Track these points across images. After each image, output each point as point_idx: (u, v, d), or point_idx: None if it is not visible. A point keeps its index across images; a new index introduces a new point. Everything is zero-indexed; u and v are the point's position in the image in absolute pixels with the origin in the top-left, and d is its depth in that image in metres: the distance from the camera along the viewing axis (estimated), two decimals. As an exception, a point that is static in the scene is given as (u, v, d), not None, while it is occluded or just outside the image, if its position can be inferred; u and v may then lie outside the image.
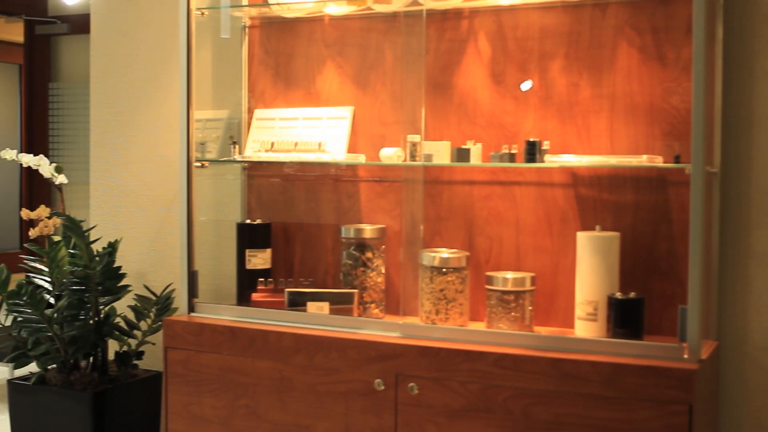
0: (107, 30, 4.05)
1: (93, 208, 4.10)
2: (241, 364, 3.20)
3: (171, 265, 3.86)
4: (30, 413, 3.68)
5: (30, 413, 3.68)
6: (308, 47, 3.59)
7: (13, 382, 3.74)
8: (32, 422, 3.67)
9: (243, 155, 3.55)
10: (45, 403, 3.64)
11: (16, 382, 3.72)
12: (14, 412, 3.73)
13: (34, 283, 3.65)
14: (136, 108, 3.98)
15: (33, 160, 4.42)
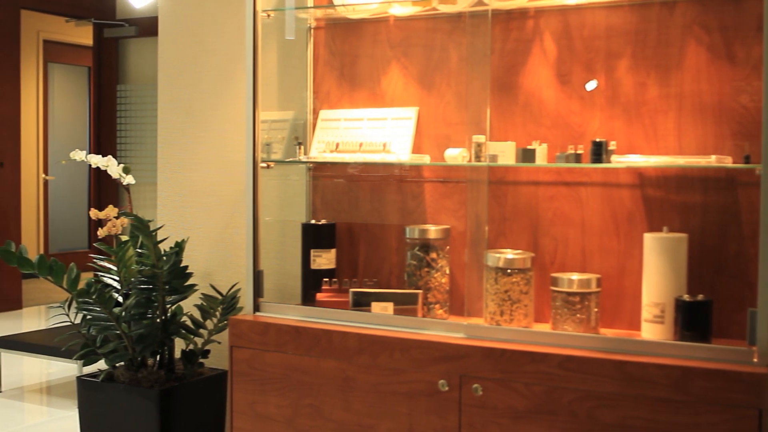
0: (175, 32, 4.10)
1: (160, 208, 4.15)
2: (306, 364, 3.22)
3: (236, 264, 3.89)
4: (98, 410, 3.73)
5: (98, 410, 3.73)
6: (373, 48, 3.60)
7: (82, 379, 3.80)
8: (100, 418, 3.73)
9: (308, 156, 3.57)
10: (113, 400, 3.69)
11: (85, 379, 3.78)
12: (83, 409, 3.80)
13: (103, 282, 3.71)
14: (202, 109, 4.02)
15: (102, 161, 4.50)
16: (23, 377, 5.85)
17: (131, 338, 3.61)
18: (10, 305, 8.19)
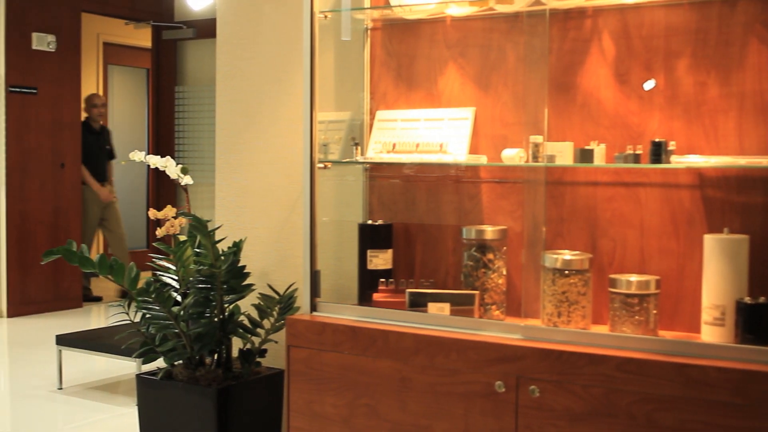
0: (232, 34, 4.14)
1: (218, 209, 4.19)
2: (362, 364, 3.23)
3: (293, 264, 3.91)
4: (157, 407, 3.78)
5: (157, 407, 3.78)
6: (430, 48, 3.60)
7: (141, 376, 3.85)
8: (159, 416, 3.78)
9: (365, 156, 3.58)
10: (171, 397, 3.73)
11: (144, 377, 3.83)
12: (142, 406, 3.84)
13: (162, 281, 3.75)
14: (260, 110, 4.04)
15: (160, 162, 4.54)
16: (84, 374, 5.93)
17: (190, 337, 3.65)
18: (71, 303, 8.31)
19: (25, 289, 7.96)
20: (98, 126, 9.05)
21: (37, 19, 8.01)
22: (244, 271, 3.68)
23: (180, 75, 9.22)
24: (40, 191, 8.09)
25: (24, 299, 7.94)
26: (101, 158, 9.01)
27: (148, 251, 10.42)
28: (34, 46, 8.01)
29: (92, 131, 8.94)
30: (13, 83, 7.85)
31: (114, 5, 8.85)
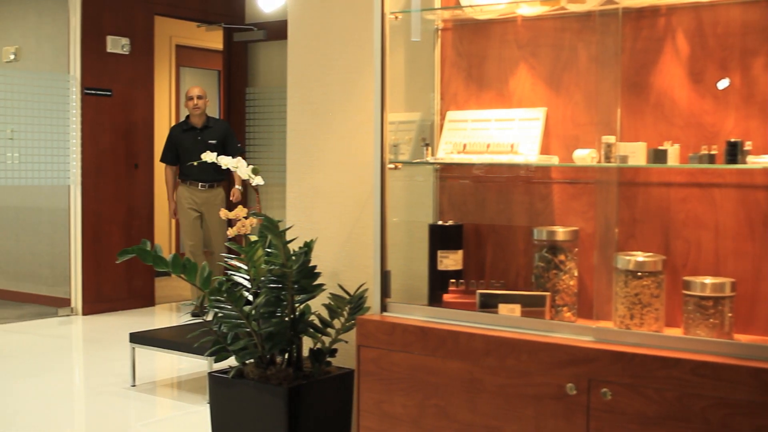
0: (304, 36, 4.16)
1: (289, 209, 4.22)
2: (432, 364, 3.22)
3: (363, 265, 3.92)
4: (229, 405, 3.82)
5: (229, 405, 3.82)
6: (501, 48, 3.58)
7: (213, 375, 3.89)
8: (231, 413, 3.81)
9: (435, 157, 3.58)
10: (242, 396, 3.77)
11: (216, 375, 3.87)
12: (214, 404, 3.89)
13: (234, 281, 3.78)
14: (330, 111, 4.06)
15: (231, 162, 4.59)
16: (155, 372, 6.02)
17: (261, 336, 3.68)
18: (144, 302, 8.43)
19: (99, 287, 8.11)
20: (199, 122, 8.11)
21: (111, 23, 8.15)
22: (315, 271, 3.70)
23: (251, 77, 9.31)
24: (115, 192, 8.23)
25: (98, 297, 8.09)
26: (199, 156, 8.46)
27: (219, 251, 10.54)
28: (108, 49, 8.15)
29: (188, 128, 8.13)
30: (88, 85, 8.00)
31: (186, 8, 8.97)
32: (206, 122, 8.12)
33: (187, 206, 8.08)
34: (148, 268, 8.44)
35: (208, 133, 8.06)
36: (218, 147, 7.87)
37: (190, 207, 8.08)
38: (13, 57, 8.67)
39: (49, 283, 8.49)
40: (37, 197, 8.57)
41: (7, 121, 7.86)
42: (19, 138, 7.92)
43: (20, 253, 8.71)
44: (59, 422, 4.95)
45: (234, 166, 4.67)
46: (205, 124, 8.11)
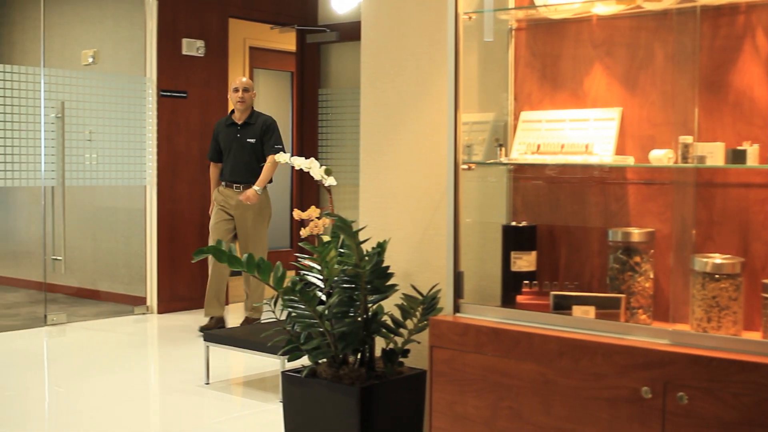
0: (377, 37, 4.17)
1: (362, 209, 4.23)
2: (505, 366, 3.21)
3: (436, 265, 3.92)
4: (301, 404, 3.84)
5: (301, 404, 3.84)
6: (575, 48, 3.55)
7: (286, 374, 3.92)
8: (303, 412, 3.84)
9: (509, 157, 3.56)
10: (315, 395, 3.79)
11: (289, 374, 3.90)
12: (287, 402, 3.92)
13: (307, 281, 3.81)
14: (404, 112, 4.07)
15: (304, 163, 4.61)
16: (229, 370, 6.09)
17: (334, 336, 3.70)
18: (218, 301, 8.52)
19: (174, 286, 8.22)
20: (241, 117, 7.32)
21: (187, 26, 8.27)
22: (388, 272, 3.71)
23: (323, 78, 9.36)
24: (189, 192, 8.34)
25: (173, 296, 8.20)
26: (238, 155, 7.30)
27: (291, 251, 10.63)
28: (184, 52, 8.26)
29: (230, 123, 7.37)
30: (164, 88, 8.12)
31: (260, 10, 9.06)
32: (248, 118, 7.31)
33: (218, 207, 7.32)
34: (222, 268, 8.53)
35: (247, 131, 7.29)
36: (256, 147, 7.28)
37: (222, 208, 7.29)
38: (92, 60, 8.84)
39: (125, 281, 8.64)
40: (114, 197, 8.73)
41: (86, 122, 8.02)
42: (97, 139, 8.07)
43: (98, 253, 8.87)
44: (135, 419, 5.03)
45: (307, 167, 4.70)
46: (247, 121, 7.30)
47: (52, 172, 6.90)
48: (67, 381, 5.61)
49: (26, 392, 5.46)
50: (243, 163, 7.24)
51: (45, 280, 8.05)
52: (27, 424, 4.84)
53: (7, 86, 7.40)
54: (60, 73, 7.85)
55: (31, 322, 7.68)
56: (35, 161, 7.69)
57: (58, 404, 5.35)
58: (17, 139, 7.42)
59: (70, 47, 9.12)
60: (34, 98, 7.56)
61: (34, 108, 7.49)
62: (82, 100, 7.95)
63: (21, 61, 9.18)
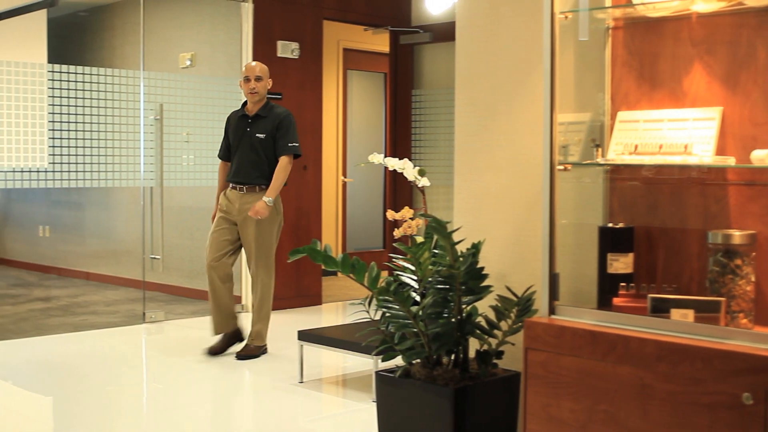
0: (472, 37, 4.16)
1: (456, 210, 4.22)
2: (601, 369, 3.17)
3: (531, 267, 3.89)
4: (395, 404, 3.85)
5: (395, 404, 3.85)
6: (674, 47, 3.49)
7: (380, 374, 3.94)
8: (397, 412, 3.85)
9: (606, 158, 3.52)
10: (409, 395, 3.79)
11: (383, 374, 3.92)
12: (381, 402, 3.93)
13: (401, 281, 3.82)
14: (498, 112, 4.05)
15: (398, 164, 4.63)
16: (322, 369, 6.13)
17: (428, 336, 3.70)
18: (311, 301, 8.60)
19: (269, 286, 8.31)
20: (253, 109, 6.36)
21: (282, 28, 8.36)
22: (483, 273, 3.70)
23: (416, 79, 9.37)
24: (284, 193, 8.39)
25: (268, 296, 8.29)
26: (245, 151, 6.30)
27: (384, 251, 10.66)
28: (279, 54, 8.36)
29: (241, 114, 6.42)
30: (259, 89, 8.21)
31: (354, 12, 9.11)
32: (261, 111, 6.34)
33: (220, 213, 6.36)
34: (316, 268, 8.62)
35: (257, 125, 6.31)
36: (266, 143, 6.27)
37: (224, 215, 6.33)
38: (189, 63, 9.00)
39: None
40: (211, 198, 8.85)
41: (183, 124, 8.17)
42: (194, 141, 8.22)
43: (195, 252, 9.03)
44: (229, 416, 5.11)
45: (401, 167, 4.72)
46: (259, 113, 6.33)
47: (151, 173, 7.06)
48: (165, 377, 5.72)
49: (125, 388, 5.59)
50: (250, 161, 6.26)
51: (144, 279, 8.22)
52: (125, 419, 4.96)
53: (108, 89, 7.59)
54: (159, 76, 8.01)
55: (130, 320, 7.86)
56: (135, 162, 7.87)
57: (156, 400, 5.46)
58: (118, 141, 7.60)
59: (168, 51, 9.31)
60: (134, 101, 7.73)
61: (134, 110, 7.67)
62: (180, 102, 8.10)
63: (121, 65, 9.41)
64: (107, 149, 7.61)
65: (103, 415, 4.96)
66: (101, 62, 9.93)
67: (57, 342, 7.02)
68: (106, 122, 7.62)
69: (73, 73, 7.41)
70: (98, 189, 9.18)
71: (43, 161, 7.62)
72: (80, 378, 5.80)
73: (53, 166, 7.45)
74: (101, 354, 6.66)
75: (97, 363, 6.30)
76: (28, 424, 4.98)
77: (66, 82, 7.40)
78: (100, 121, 7.60)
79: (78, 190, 9.78)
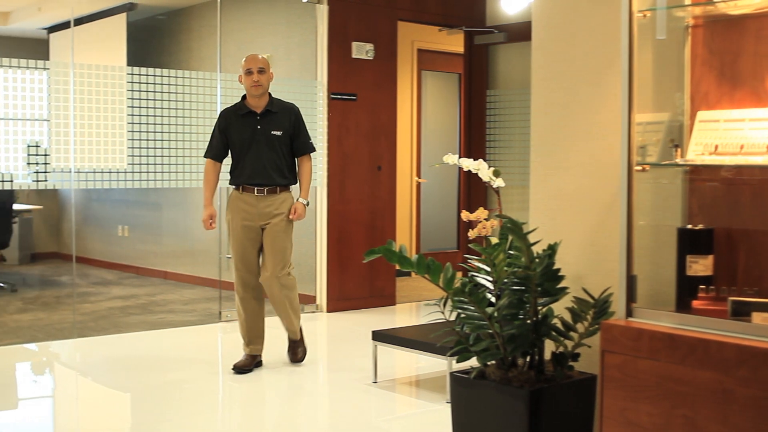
0: (548, 37, 4.13)
1: (532, 211, 4.19)
2: (680, 373, 3.12)
3: (608, 268, 3.84)
4: (469, 405, 3.84)
5: (469, 405, 3.84)
6: (756, 45, 3.42)
7: (455, 375, 3.93)
8: (471, 414, 3.84)
9: (685, 159, 3.46)
10: (484, 396, 3.78)
11: (457, 375, 3.91)
12: (455, 403, 3.92)
13: (475, 282, 3.80)
14: (575, 113, 4.01)
15: (473, 165, 4.61)
16: (396, 369, 6.14)
17: (503, 338, 3.68)
18: (385, 301, 8.62)
19: (342, 286, 8.35)
20: (259, 104, 5.92)
21: (356, 30, 8.39)
22: (559, 274, 3.67)
23: (491, 79, 9.33)
24: (358, 193, 8.46)
25: (341, 295, 8.33)
26: (261, 151, 5.86)
27: (458, 252, 10.64)
28: (353, 55, 8.39)
29: (246, 112, 5.93)
30: (334, 90, 8.26)
31: (428, 13, 9.11)
32: (269, 105, 5.92)
33: (242, 221, 5.89)
34: (391, 268, 8.63)
35: (270, 121, 5.87)
36: (284, 140, 5.88)
37: (246, 222, 5.88)
38: (265, 64, 9.08)
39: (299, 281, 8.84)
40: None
41: (259, 125, 8.24)
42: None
43: (270, 252, 9.11)
44: (304, 414, 5.15)
45: (475, 168, 4.70)
46: (267, 108, 5.91)
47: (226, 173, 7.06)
48: (241, 376, 5.77)
49: (202, 386, 5.65)
50: (269, 160, 5.82)
51: (220, 278, 8.31)
52: (201, 416, 5.02)
53: (185, 91, 7.69)
54: (235, 78, 8.09)
55: (206, 318, 7.96)
56: (209, 162, 7.97)
57: (231, 398, 5.52)
58: (195, 142, 7.69)
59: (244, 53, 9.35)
60: (211, 102, 7.82)
61: (210, 112, 7.75)
62: (256, 104, 8.17)
63: (198, 67, 9.53)
64: (185, 150, 7.71)
65: (180, 412, 5.03)
66: (179, 64, 10.08)
67: (135, 339, 7.14)
68: (183, 123, 7.72)
69: (151, 76, 7.53)
70: (176, 189, 9.29)
71: (123, 162, 7.75)
72: (158, 375, 5.89)
73: (132, 167, 7.57)
74: (178, 352, 6.76)
75: (174, 361, 6.39)
76: (107, 419, 5.07)
77: (145, 84, 7.52)
78: (178, 122, 7.71)
79: (156, 191, 9.92)
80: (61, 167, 7.56)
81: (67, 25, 9.14)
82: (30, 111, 7.81)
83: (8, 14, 11.24)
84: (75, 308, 8.26)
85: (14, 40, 12.10)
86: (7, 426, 4.84)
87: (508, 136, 9.06)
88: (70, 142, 7.40)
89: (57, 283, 10.29)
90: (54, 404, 5.48)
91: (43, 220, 12.47)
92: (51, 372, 6.37)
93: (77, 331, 7.30)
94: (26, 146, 8.13)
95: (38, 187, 7.67)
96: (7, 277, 10.13)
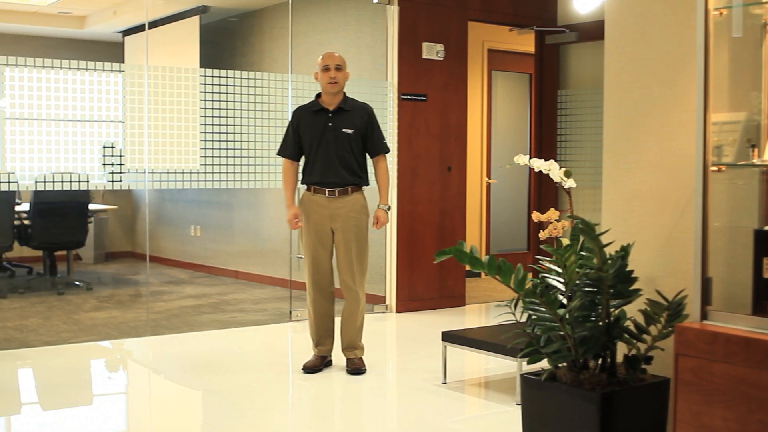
0: (621, 36, 4.09)
1: (605, 212, 4.16)
2: (757, 377, 3.07)
3: (682, 270, 3.79)
4: (540, 407, 3.82)
5: (540, 407, 3.82)
6: (837, 43, 3.35)
7: (525, 376, 3.91)
8: (542, 416, 3.81)
9: (763, 159, 3.40)
10: (554, 399, 3.75)
11: (528, 377, 3.89)
12: (526, 405, 3.90)
13: (547, 283, 3.78)
14: (649, 112, 3.96)
15: (544, 165, 4.58)
16: (465, 370, 6.12)
17: (575, 340, 3.65)
18: (455, 302, 8.60)
19: (412, 286, 8.36)
20: (333, 102, 5.81)
21: (426, 30, 8.39)
22: (632, 276, 3.63)
23: (562, 79, 9.26)
24: (428, 193, 8.45)
25: (411, 296, 8.34)
26: (332, 149, 5.74)
27: (528, 253, 10.58)
28: (424, 56, 8.38)
29: (318, 109, 5.83)
30: (404, 91, 8.27)
31: (499, 13, 9.07)
32: (342, 103, 5.81)
33: (314, 224, 5.79)
34: (461, 269, 8.61)
35: (342, 119, 5.76)
36: (355, 139, 5.76)
37: (318, 224, 5.79)
38: (336, 65, 9.11)
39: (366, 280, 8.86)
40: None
41: (330, 126, 8.28)
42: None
43: (340, 252, 9.15)
44: (373, 415, 5.16)
45: (546, 168, 4.67)
46: (340, 106, 5.79)
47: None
48: (310, 376, 5.81)
49: (271, 385, 5.70)
50: (340, 159, 5.71)
51: (290, 278, 8.37)
52: (271, 414, 5.06)
53: (257, 92, 7.76)
54: (306, 79, 8.14)
55: (277, 318, 8.02)
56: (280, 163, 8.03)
57: (300, 398, 5.56)
58: (266, 143, 7.76)
59: (315, 54, 9.43)
60: (282, 104, 7.88)
61: (282, 113, 7.81)
62: (327, 105, 8.22)
63: (270, 69, 9.62)
64: (256, 151, 7.78)
65: (251, 411, 5.07)
66: (251, 66, 10.18)
67: (206, 338, 7.23)
68: (255, 125, 7.80)
69: (224, 77, 7.62)
70: (247, 190, 9.38)
71: (195, 163, 7.85)
72: (228, 374, 5.95)
73: (204, 167, 7.66)
74: (248, 351, 6.83)
75: (244, 360, 6.45)
76: (179, 416, 5.14)
77: (217, 86, 7.61)
78: (250, 123, 7.78)
79: (228, 191, 10.04)
80: (136, 168, 7.69)
81: (142, 28, 9.26)
82: (105, 113, 7.95)
83: (84, 18, 11.47)
84: (148, 307, 8.39)
85: (90, 43, 12.34)
86: (82, 422, 4.94)
87: (579, 137, 8.98)
88: (144, 143, 7.53)
89: (131, 282, 10.46)
90: (127, 401, 5.58)
91: (118, 219, 12.69)
92: (124, 369, 6.48)
93: (150, 329, 7.42)
94: (102, 147, 8.28)
95: (113, 187, 7.82)
96: (82, 276, 10.33)
